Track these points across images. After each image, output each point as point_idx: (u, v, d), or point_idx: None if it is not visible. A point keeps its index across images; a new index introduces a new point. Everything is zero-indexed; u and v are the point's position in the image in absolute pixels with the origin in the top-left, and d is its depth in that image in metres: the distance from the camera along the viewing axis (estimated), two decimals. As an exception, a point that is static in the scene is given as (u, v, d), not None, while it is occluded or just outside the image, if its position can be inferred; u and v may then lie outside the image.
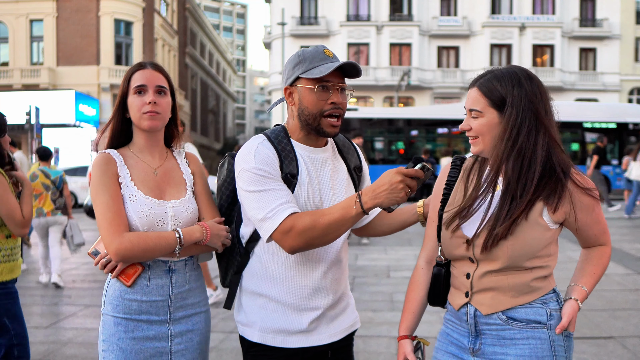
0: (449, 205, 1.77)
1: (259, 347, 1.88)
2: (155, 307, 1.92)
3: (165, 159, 2.04)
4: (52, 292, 6.63)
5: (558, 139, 1.68)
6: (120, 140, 2.02)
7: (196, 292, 2.02)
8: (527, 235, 1.61)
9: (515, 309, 1.65)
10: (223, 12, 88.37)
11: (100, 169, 1.90)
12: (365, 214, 1.67)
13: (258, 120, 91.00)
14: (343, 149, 2.02)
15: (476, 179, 1.75)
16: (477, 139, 1.69)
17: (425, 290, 1.84)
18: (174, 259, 1.94)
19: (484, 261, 1.66)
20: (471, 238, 1.66)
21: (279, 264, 1.86)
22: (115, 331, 1.90)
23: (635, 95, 35.74)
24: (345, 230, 1.72)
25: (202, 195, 2.04)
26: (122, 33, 29.57)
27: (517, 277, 1.65)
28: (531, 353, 1.63)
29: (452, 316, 1.79)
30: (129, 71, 1.98)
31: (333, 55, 1.85)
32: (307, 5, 36.08)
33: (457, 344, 1.76)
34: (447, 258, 1.79)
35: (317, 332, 1.88)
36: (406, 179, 1.62)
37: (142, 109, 1.92)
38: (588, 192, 1.65)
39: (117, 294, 1.92)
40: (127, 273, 1.90)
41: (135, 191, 1.90)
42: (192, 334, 1.99)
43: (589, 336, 4.66)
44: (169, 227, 1.91)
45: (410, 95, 34.24)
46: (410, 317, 1.84)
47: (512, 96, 1.63)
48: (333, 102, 1.82)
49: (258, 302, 1.89)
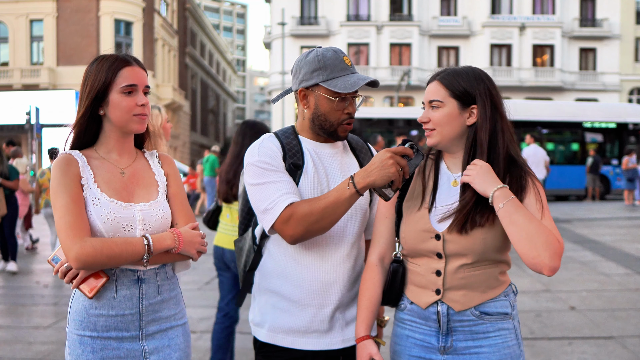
0: (408, 200, 1.77)
1: (270, 348, 1.89)
2: (124, 321, 1.74)
3: (135, 159, 1.88)
4: (52, 292, 6.64)
5: (514, 133, 1.75)
6: (84, 140, 1.82)
7: (170, 304, 1.84)
8: (497, 227, 1.64)
9: (485, 303, 1.69)
10: (223, 12, 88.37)
11: (60, 171, 1.73)
12: (359, 194, 1.69)
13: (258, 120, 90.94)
14: (356, 148, 2.04)
15: (433, 173, 1.77)
16: (435, 131, 1.72)
17: (381, 289, 1.79)
18: (142, 267, 1.76)
19: (454, 256, 1.66)
20: (441, 232, 1.67)
21: (288, 258, 1.87)
22: (82, 352, 1.72)
23: (635, 95, 35.73)
24: (341, 212, 1.72)
25: (176, 199, 1.87)
26: (122, 33, 29.59)
27: (487, 271, 1.68)
28: (502, 342, 1.69)
29: (414, 316, 1.74)
30: (112, 64, 1.75)
31: (351, 64, 1.88)
32: (307, 5, 36.08)
33: (423, 345, 1.73)
34: (407, 254, 1.76)
35: (329, 335, 1.86)
36: (395, 156, 1.66)
37: (132, 111, 1.76)
38: (539, 186, 1.69)
39: (82, 308, 1.73)
40: (89, 283, 1.70)
41: (99, 194, 1.73)
42: (169, 350, 1.81)
43: (589, 336, 4.66)
44: (138, 232, 1.74)
45: (410, 95, 34.23)
46: (371, 316, 1.78)
47: (478, 90, 1.69)
48: (349, 112, 1.87)
49: (270, 301, 1.91)
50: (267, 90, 41.68)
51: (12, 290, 6.79)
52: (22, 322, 5.36)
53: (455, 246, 1.66)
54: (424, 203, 1.73)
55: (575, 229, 10.79)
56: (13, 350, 4.54)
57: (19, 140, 22.80)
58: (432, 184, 1.76)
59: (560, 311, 5.38)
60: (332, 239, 1.86)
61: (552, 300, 5.72)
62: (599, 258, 7.86)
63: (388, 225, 1.81)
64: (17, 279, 7.40)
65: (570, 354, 4.26)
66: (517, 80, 34.53)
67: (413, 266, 1.75)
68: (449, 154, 1.78)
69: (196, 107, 44.72)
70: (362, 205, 1.92)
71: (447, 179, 1.76)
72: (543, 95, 34.64)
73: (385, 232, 1.81)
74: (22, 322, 5.38)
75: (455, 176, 1.75)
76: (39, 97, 25.05)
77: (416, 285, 1.74)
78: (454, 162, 1.77)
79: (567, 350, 4.34)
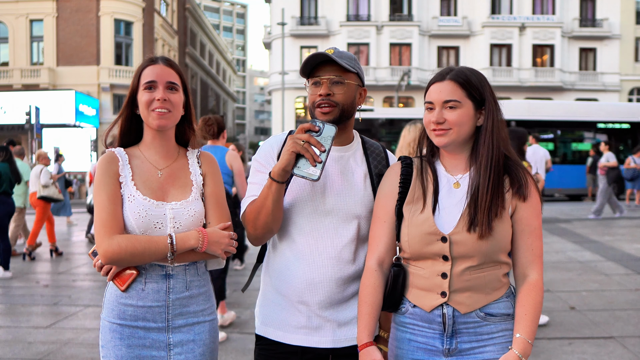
0: (408, 203, 1.75)
1: (263, 341, 1.94)
2: (151, 313, 1.83)
3: (176, 159, 1.95)
4: (52, 292, 6.64)
5: (507, 134, 1.77)
6: (129, 138, 1.94)
7: (199, 300, 1.91)
8: (502, 228, 1.66)
9: (490, 305, 1.69)
10: (223, 12, 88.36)
11: (101, 168, 1.85)
12: (275, 181, 1.75)
13: (258, 120, 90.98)
14: (371, 154, 2.01)
15: (432, 175, 1.77)
16: (451, 131, 1.70)
17: (382, 294, 1.76)
18: (170, 264, 1.85)
19: (461, 258, 1.66)
20: (448, 234, 1.66)
21: (282, 255, 1.91)
22: (111, 338, 1.84)
23: (635, 95, 35.72)
24: (270, 205, 1.77)
25: (211, 198, 1.92)
26: (122, 33, 29.56)
27: (491, 272, 1.69)
28: (506, 342, 1.69)
29: (417, 319, 1.73)
30: (140, 66, 1.89)
31: (333, 53, 1.88)
32: (307, 5, 36.07)
33: (426, 348, 1.72)
34: (410, 257, 1.75)
35: (318, 333, 1.87)
36: (294, 135, 1.73)
37: (150, 106, 1.83)
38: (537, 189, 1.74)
39: (114, 298, 1.85)
40: (121, 277, 1.83)
41: (134, 191, 1.83)
42: (193, 344, 1.88)
43: (589, 336, 4.66)
44: (168, 230, 1.82)
45: (410, 95, 34.22)
46: (372, 322, 1.75)
47: (487, 91, 1.71)
48: (320, 94, 1.87)
49: (265, 294, 1.97)
50: (267, 90, 41.65)
51: (12, 290, 6.79)
52: (22, 322, 5.35)
53: (462, 248, 1.65)
54: (427, 205, 1.72)
55: (575, 229, 10.79)
56: (13, 350, 4.54)
57: (19, 140, 22.79)
58: (433, 186, 1.74)
59: (560, 311, 5.39)
60: (322, 240, 1.87)
61: (552, 300, 5.72)
62: (599, 258, 7.86)
63: (387, 229, 1.78)
64: (16, 279, 7.41)
65: (570, 354, 4.26)
66: (517, 80, 34.52)
67: (416, 269, 1.73)
68: (450, 155, 1.77)
69: (196, 107, 44.67)
70: (357, 210, 1.90)
71: (447, 181, 1.75)
72: (543, 95, 34.63)
73: (384, 236, 1.79)
74: (21, 322, 5.37)
75: (456, 178, 1.75)
76: (39, 97, 25.07)
77: (419, 289, 1.72)
78: (455, 164, 1.76)
79: (567, 350, 4.34)
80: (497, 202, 1.66)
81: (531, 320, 1.66)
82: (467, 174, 1.74)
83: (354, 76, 1.90)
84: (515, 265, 1.74)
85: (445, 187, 1.74)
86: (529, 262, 1.71)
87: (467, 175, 1.74)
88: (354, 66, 1.88)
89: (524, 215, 1.70)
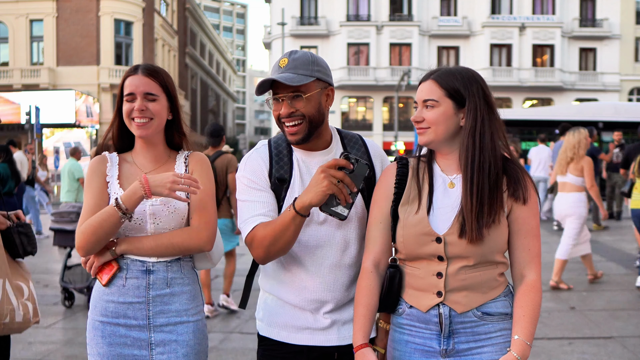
0: (404, 204, 1.74)
1: (267, 342, 1.92)
2: (132, 309, 1.85)
3: (165, 162, 1.98)
4: (52, 292, 6.63)
5: (506, 134, 1.76)
6: (123, 144, 1.99)
7: (182, 299, 1.90)
8: (495, 231, 1.65)
9: (487, 304, 1.69)
10: (223, 12, 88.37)
11: (91, 168, 1.95)
12: (300, 215, 1.68)
13: (258, 120, 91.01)
14: (352, 149, 1.96)
15: (427, 175, 1.76)
16: (429, 129, 1.71)
17: (378, 295, 1.76)
18: (151, 259, 1.86)
19: (456, 258, 1.66)
20: (442, 235, 1.66)
21: (281, 266, 1.89)
22: (94, 335, 1.88)
23: (635, 95, 35.73)
24: (291, 235, 1.71)
25: (194, 197, 1.90)
26: (122, 33, 29.58)
27: (487, 272, 1.68)
28: (504, 342, 1.68)
29: (413, 320, 1.72)
30: (123, 76, 1.94)
31: (286, 64, 1.80)
32: (307, 5, 36.08)
33: (423, 349, 1.71)
34: (405, 258, 1.74)
35: (325, 333, 1.86)
36: (327, 170, 1.64)
37: (130, 115, 1.88)
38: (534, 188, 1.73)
39: (98, 295, 1.90)
40: (103, 271, 1.88)
41: (118, 189, 1.89)
42: (176, 345, 1.86)
43: (589, 336, 4.66)
44: (148, 226, 1.86)
45: (411, 95, 34.17)
46: (368, 324, 1.74)
47: (469, 90, 1.69)
48: (278, 114, 1.83)
49: (268, 299, 1.94)
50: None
51: (12, 290, 6.78)
52: (22, 322, 5.35)
53: (457, 249, 1.65)
54: (422, 206, 1.71)
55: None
56: (13, 350, 4.51)
57: (19, 140, 22.78)
58: (428, 187, 1.74)
59: (560, 311, 5.39)
60: (321, 250, 1.84)
61: (552, 300, 5.72)
62: (599, 258, 7.85)
63: (382, 230, 1.78)
64: (17, 279, 7.39)
65: (570, 354, 4.26)
66: (517, 80, 34.52)
67: (411, 269, 1.73)
68: (442, 155, 1.77)
69: (196, 107, 44.72)
70: (355, 214, 1.88)
71: (442, 181, 1.75)
72: (543, 96, 34.67)
73: (380, 237, 1.78)
74: (22, 322, 5.37)
75: (450, 178, 1.74)
76: (39, 97, 25.04)
77: (415, 289, 1.72)
78: (447, 164, 1.76)
79: (567, 350, 4.34)
80: (487, 205, 1.64)
81: (529, 322, 1.65)
82: (461, 174, 1.74)
83: (313, 84, 1.80)
84: (512, 265, 1.74)
85: (441, 187, 1.74)
86: (526, 263, 1.71)
87: (461, 175, 1.74)
88: (311, 73, 1.79)
89: (521, 215, 1.70)
